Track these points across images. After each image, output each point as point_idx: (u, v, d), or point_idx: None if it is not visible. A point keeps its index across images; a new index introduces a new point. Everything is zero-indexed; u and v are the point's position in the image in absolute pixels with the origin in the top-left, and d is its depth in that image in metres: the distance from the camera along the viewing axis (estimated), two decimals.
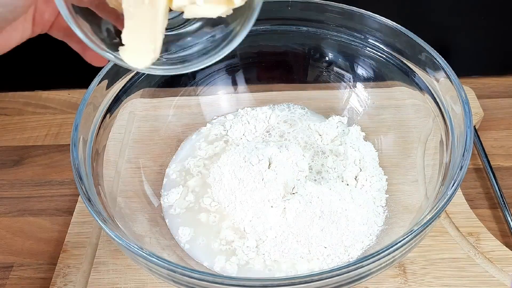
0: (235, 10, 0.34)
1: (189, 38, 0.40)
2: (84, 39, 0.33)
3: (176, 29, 0.38)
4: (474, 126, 0.60)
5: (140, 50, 0.34)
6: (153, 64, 0.34)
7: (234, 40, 0.36)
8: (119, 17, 0.35)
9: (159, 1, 0.32)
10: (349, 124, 0.57)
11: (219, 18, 0.34)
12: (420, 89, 0.50)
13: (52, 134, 0.64)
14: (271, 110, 0.60)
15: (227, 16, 0.35)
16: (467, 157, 0.39)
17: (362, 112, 0.57)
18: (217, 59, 0.37)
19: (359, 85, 0.57)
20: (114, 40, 0.37)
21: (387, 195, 0.50)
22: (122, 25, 0.34)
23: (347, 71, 0.57)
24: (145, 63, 0.34)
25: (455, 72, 0.45)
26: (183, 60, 0.40)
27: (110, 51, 0.34)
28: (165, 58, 0.37)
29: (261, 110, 0.60)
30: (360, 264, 0.34)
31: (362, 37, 0.53)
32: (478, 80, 0.68)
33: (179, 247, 0.47)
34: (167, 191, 0.52)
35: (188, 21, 0.38)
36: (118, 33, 0.36)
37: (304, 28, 0.55)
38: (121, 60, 0.34)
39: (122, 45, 0.33)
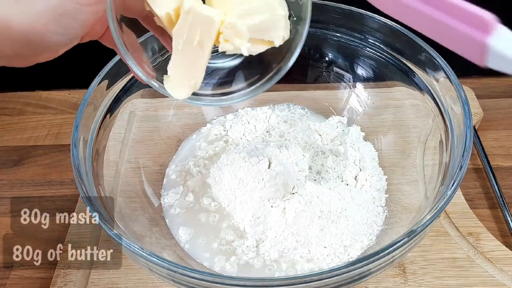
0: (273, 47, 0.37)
1: (227, 70, 0.43)
2: (134, 67, 0.36)
3: (215, 60, 0.41)
4: (474, 126, 0.60)
5: (182, 83, 0.36)
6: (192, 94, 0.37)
7: (273, 78, 0.39)
8: (164, 33, 0.37)
9: (207, 45, 0.34)
10: (349, 124, 0.57)
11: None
12: (420, 89, 0.50)
13: (53, 134, 0.64)
14: (271, 110, 0.60)
15: (266, 51, 0.37)
16: (467, 157, 0.39)
17: (362, 112, 0.57)
18: (255, 95, 0.40)
19: (359, 85, 0.57)
20: (157, 59, 0.41)
21: (387, 195, 0.50)
22: (166, 42, 0.37)
23: (347, 71, 0.57)
24: (184, 95, 0.37)
25: (454, 72, 0.45)
26: (220, 90, 0.42)
27: (154, 78, 0.37)
28: (203, 88, 0.39)
29: (261, 110, 0.60)
30: (360, 264, 0.34)
31: (362, 37, 0.53)
32: (478, 80, 0.68)
33: (179, 247, 0.47)
34: (167, 191, 0.52)
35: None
36: (161, 50, 0.39)
37: None
38: (163, 89, 0.36)
39: (164, 68, 0.36)
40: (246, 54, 0.35)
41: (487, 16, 0.25)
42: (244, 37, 0.35)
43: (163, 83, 0.36)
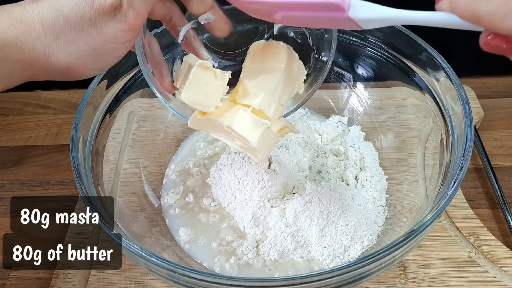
0: None
1: None
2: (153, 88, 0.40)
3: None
4: (474, 126, 0.60)
5: (200, 124, 0.40)
6: None
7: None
8: (189, 43, 0.40)
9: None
10: (349, 124, 0.57)
11: None
12: (420, 88, 0.49)
13: (52, 134, 0.64)
14: None
15: None
16: (467, 157, 0.39)
17: (362, 112, 0.57)
18: None
19: (359, 85, 0.57)
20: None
21: (388, 195, 0.50)
22: (188, 48, 0.40)
23: (347, 71, 0.57)
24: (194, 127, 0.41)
25: (455, 72, 0.45)
26: None
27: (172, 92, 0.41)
28: None
29: None
30: (360, 264, 0.34)
31: (362, 37, 0.53)
32: (478, 80, 0.68)
33: (179, 247, 0.47)
34: (167, 191, 0.52)
35: None
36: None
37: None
38: (177, 112, 0.41)
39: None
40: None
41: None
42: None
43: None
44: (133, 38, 0.33)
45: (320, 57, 0.42)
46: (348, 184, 0.50)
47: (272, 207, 0.47)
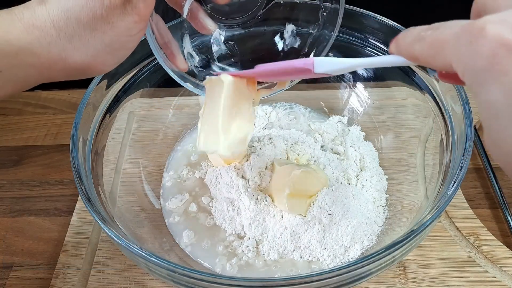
0: None
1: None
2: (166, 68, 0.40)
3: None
4: (474, 126, 0.60)
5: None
6: None
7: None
8: (194, 16, 0.41)
9: None
10: (349, 124, 0.57)
11: None
12: (420, 88, 0.49)
13: (52, 134, 0.64)
14: (272, 107, 0.60)
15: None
16: (467, 157, 0.39)
17: (362, 112, 0.57)
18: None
19: (359, 85, 0.57)
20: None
21: (387, 195, 0.50)
22: (197, 25, 0.40)
23: None
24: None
25: None
26: None
27: (186, 70, 0.42)
28: None
29: (261, 107, 0.59)
30: (360, 264, 0.34)
31: (362, 37, 0.53)
32: None
33: (179, 247, 0.47)
34: (167, 191, 0.52)
35: None
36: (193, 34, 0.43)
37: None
38: (197, 88, 0.43)
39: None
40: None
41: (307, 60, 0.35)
42: None
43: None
44: (144, 27, 0.34)
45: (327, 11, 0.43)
46: (349, 184, 0.50)
47: (271, 207, 0.47)
